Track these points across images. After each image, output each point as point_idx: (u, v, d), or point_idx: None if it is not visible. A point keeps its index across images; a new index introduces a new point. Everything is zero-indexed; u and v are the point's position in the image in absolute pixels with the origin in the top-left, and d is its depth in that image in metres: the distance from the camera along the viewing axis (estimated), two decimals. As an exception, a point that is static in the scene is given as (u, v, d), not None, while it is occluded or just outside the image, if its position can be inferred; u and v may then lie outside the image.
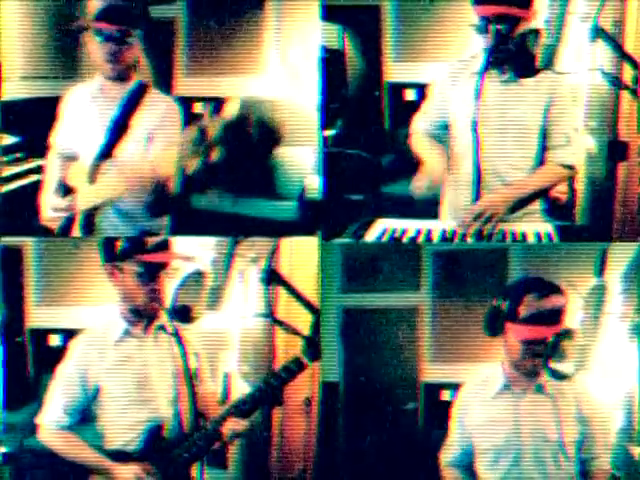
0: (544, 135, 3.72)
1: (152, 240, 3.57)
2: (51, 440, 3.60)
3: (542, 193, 3.78)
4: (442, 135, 3.90)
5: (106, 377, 3.57)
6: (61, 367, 3.61)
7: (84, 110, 3.79)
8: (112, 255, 3.56)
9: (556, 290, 3.44)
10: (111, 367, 3.58)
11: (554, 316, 3.40)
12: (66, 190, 3.71)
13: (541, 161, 3.74)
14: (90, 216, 3.71)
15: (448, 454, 3.61)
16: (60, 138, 3.86)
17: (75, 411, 3.58)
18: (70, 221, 3.73)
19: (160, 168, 3.46)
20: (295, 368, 3.60)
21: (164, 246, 3.59)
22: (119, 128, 3.70)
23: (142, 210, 3.67)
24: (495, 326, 3.47)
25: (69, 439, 3.57)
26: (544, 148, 3.73)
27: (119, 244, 3.55)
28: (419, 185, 3.68)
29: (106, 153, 3.69)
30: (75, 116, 3.82)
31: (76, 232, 3.73)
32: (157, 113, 3.72)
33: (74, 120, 3.82)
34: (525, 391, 3.48)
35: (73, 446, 3.56)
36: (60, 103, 3.85)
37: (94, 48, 3.67)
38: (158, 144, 3.65)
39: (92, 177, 3.68)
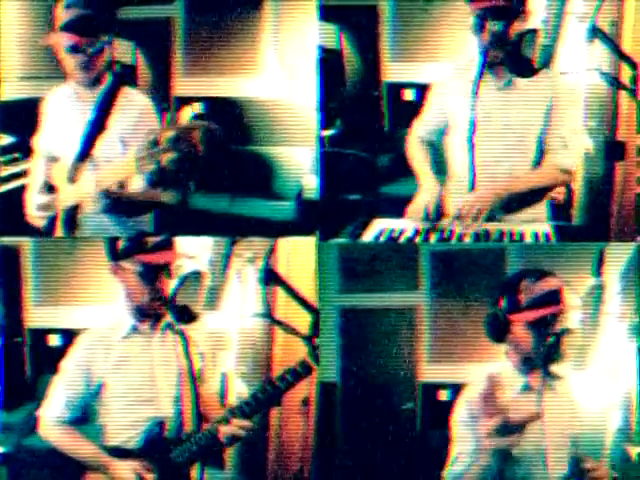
0: (542, 139, 3.74)
1: (152, 240, 3.58)
2: (51, 434, 3.62)
3: (537, 194, 3.80)
4: (439, 141, 3.92)
5: (110, 374, 3.59)
6: (65, 362, 3.64)
7: (62, 112, 3.82)
8: (114, 254, 3.58)
9: (548, 273, 3.46)
10: (116, 364, 3.59)
11: (554, 296, 3.41)
12: (49, 189, 3.74)
13: (538, 163, 3.76)
14: (72, 215, 3.72)
15: (456, 469, 3.48)
16: (42, 140, 3.88)
17: (77, 406, 3.60)
18: (55, 220, 3.75)
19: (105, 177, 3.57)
20: (302, 371, 3.58)
21: (166, 245, 3.59)
22: (96, 129, 3.72)
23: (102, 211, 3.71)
24: (499, 327, 3.46)
25: (69, 433, 3.59)
26: (542, 151, 3.76)
27: (120, 243, 3.57)
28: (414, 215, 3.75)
29: (85, 154, 3.71)
30: (55, 118, 3.84)
31: (59, 230, 3.75)
32: (132, 114, 3.73)
33: (54, 122, 3.84)
34: (542, 388, 3.46)
35: (72, 441, 3.58)
36: (41, 106, 3.87)
37: (64, 57, 3.68)
38: (133, 145, 3.66)
39: (72, 177, 3.70)
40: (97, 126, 3.71)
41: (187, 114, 3.57)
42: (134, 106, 3.75)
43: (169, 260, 3.57)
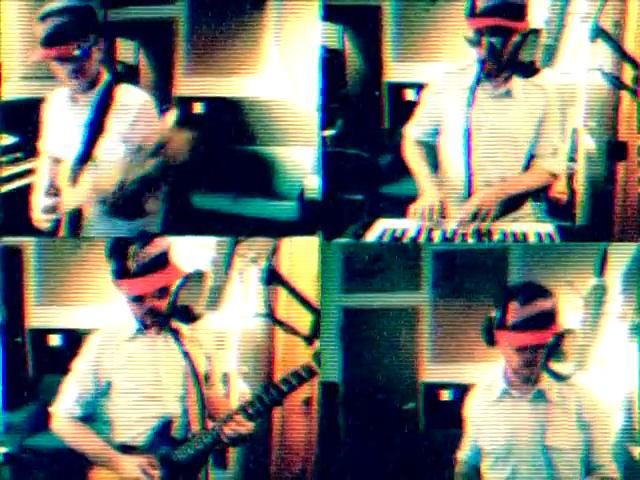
0: (533, 146, 3.82)
1: (135, 264, 3.52)
2: (61, 428, 3.66)
3: (528, 195, 3.88)
4: (433, 142, 3.94)
5: (117, 373, 3.61)
6: (77, 360, 3.66)
7: (63, 113, 3.80)
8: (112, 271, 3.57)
9: (543, 293, 3.43)
10: (123, 363, 3.62)
11: (543, 320, 3.40)
12: (55, 191, 3.73)
13: (527, 167, 3.82)
14: (75, 218, 3.72)
15: (463, 453, 3.61)
16: (46, 142, 3.88)
17: (87, 403, 3.64)
18: (59, 223, 3.74)
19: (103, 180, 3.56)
20: (306, 376, 3.60)
21: (158, 266, 3.53)
22: (94, 130, 3.70)
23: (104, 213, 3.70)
24: (489, 335, 3.49)
25: (78, 428, 3.63)
26: (532, 156, 3.82)
27: (110, 265, 3.54)
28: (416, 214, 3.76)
29: (85, 155, 3.69)
30: (56, 120, 3.83)
31: (62, 233, 3.74)
32: (130, 111, 3.70)
33: (56, 124, 3.83)
34: (523, 397, 3.48)
35: (82, 435, 3.62)
36: (43, 107, 3.86)
37: (54, 67, 3.66)
38: (136, 142, 3.64)
39: (73, 179, 3.69)
40: (95, 127, 3.69)
41: (170, 119, 3.54)
42: (132, 103, 3.71)
43: (159, 286, 3.52)
